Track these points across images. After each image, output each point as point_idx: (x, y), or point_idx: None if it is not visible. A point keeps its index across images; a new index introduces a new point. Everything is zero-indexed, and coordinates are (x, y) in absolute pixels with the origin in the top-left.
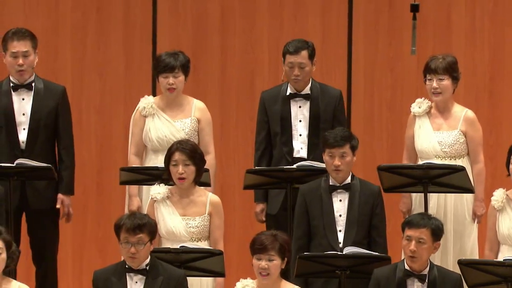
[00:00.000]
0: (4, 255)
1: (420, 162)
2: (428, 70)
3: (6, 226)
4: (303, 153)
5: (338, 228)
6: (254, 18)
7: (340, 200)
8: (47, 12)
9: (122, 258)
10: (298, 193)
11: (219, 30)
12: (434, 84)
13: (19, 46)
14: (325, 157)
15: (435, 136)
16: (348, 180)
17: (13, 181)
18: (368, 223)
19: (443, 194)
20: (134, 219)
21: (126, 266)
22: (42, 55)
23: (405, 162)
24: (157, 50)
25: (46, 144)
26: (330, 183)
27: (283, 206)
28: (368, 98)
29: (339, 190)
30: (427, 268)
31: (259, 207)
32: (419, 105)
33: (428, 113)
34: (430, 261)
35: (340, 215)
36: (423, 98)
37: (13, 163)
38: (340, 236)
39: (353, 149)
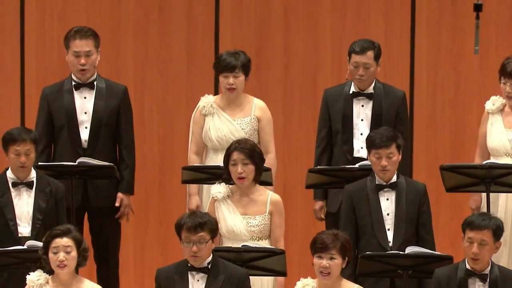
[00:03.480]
0: (74, 253)
1: (492, 160)
2: (504, 73)
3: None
4: (363, 153)
5: (387, 227)
6: (317, 17)
7: (387, 199)
8: (109, 11)
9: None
10: (344, 194)
11: (282, 29)
12: (508, 88)
13: (81, 45)
14: (371, 157)
15: (506, 134)
16: (394, 178)
17: (75, 180)
18: (416, 221)
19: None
20: (195, 217)
21: (188, 265)
22: (104, 53)
23: (477, 159)
24: (219, 49)
25: (108, 143)
26: (377, 182)
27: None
28: (430, 97)
29: (386, 189)
30: (488, 268)
31: (318, 204)
32: (493, 102)
33: (501, 110)
34: (491, 260)
35: (388, 214)
36: (498, 96)
37: (75, 162)
38: (389, 235)
39: (399, 148)
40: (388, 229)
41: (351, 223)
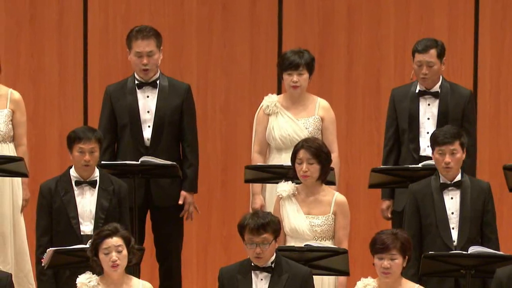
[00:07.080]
0: (125, 252)
1: None
2: None
3: (130, 223)
4: (429, 151)
5: (451, 226)
6: (380, 16)
7: (452, 198)
8: (172, 9)
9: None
10: (408, 192)
11: (345, 28)
12: None
13: (143, 45)
14: (435, 155)
15: None
16: (459, 177)
17: (138, 179)
18: (480, 220)
19: None
20: (258, 218)
21: (252, 264)
22: (168, 52)
23: None
24: (282, 48)
25: (171, 142)
26: (441, 181)
27: None
28: (494, 96)
29: (450, 188)
30: None
31: (385, 203)
32: None
33: None
34: None
35: (453, 213)
36: None
37: (138, 161)
38: (454, 234)
39: (463, 146)
40: (453, 228)
41: (416, 222)
